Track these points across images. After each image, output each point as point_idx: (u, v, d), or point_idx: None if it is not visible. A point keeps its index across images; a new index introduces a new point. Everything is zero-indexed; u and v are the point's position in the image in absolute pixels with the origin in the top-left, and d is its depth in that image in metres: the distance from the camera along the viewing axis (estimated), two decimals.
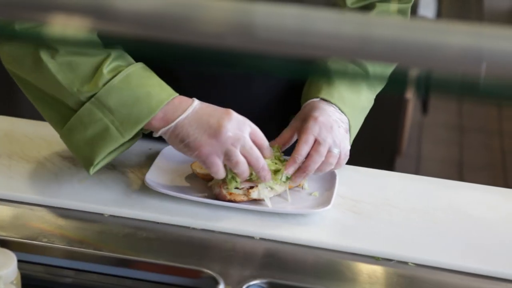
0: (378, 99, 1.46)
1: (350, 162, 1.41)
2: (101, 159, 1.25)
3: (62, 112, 1.24)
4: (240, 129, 1.21)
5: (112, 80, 1.21)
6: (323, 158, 1.26)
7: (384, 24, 0.63)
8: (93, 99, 1.21)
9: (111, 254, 1.16)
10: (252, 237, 1.21)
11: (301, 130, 1.28)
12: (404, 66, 0.64)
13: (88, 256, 1.15)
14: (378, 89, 1.43)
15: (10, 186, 1.28)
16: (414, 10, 2.47)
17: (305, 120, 1.30)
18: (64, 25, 0.66)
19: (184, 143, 1.21)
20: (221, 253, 1.19)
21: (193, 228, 1.23)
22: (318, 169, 1.27)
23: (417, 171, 3.58)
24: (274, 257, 1.18)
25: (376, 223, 1.25)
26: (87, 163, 1.25)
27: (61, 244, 1.17)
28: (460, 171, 3.62)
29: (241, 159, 1.21)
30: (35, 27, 0.90)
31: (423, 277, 1.15)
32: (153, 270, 1.14)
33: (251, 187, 1.26)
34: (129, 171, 1.35)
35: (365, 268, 1.16)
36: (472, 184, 1.41)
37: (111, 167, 1.35)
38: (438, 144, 3.86)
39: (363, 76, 1.35)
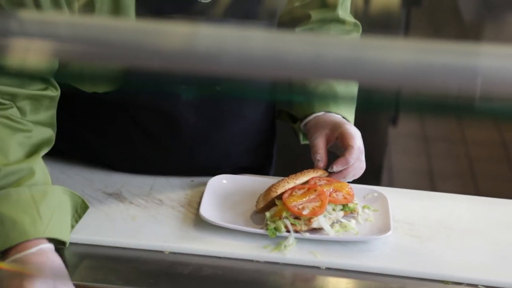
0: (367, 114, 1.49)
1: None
2: None
3: None
4: None
5: None
6: (362, 165, 1.34)
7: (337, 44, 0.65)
8: None
9: None
10: (318, 267, 1.20)
11: (345, 137, 1.33)
12: (352, 82, 0.66)
13: None
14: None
15: None
16: None
17: (339, 131, 1.34)
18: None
19: None
20: (288, 285, 1.17)
21: (257, 261, 1.20)
22: (353, 175, 1.34)
23: (391, 183, 3.62)
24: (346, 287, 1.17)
25: (437, 247, 1.25)
26: None
27: (127, 286, 1.13)
28: (431, 181, 3.67)
29: None
30: None
31: None
32: None
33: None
34: (179, 205, 1.31)
35: None
36: None
37: (159, 202, 1.32)
38: (407, 154, 3.91)
39: (332, 96, 1.44)
